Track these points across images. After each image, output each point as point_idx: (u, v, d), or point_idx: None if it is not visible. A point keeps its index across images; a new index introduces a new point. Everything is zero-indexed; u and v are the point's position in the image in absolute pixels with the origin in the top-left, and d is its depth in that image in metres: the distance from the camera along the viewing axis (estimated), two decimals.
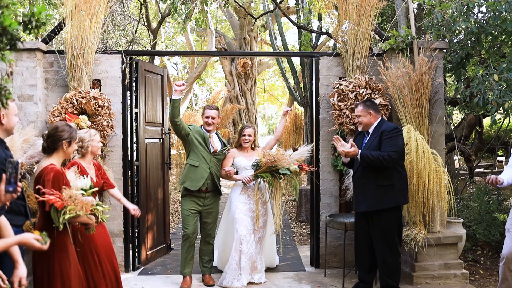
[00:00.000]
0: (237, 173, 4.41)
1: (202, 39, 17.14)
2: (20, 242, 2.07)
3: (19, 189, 2.15)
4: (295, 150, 4.39)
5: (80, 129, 3.99)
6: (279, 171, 4.17)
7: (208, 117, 4.29)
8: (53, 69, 4.61)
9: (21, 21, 2.01)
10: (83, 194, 2.88)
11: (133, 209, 3.75)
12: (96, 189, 3.27)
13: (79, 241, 3.09)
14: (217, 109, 4.41)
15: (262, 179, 4.25)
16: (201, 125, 4.40)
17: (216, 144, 4.34)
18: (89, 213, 2.84)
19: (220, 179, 4.47)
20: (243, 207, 4.32)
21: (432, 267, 4.39)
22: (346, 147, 3.78)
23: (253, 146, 4.55)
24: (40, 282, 2.79)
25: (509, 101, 4.05)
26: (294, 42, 16.97)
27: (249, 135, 4.43)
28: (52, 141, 2.84)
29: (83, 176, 3.17)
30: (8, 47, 1.93)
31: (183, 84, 4.04)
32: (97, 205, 3.07)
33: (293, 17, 11.68)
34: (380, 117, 3.98)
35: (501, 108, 4.21)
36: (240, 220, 4.26)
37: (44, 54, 4.59)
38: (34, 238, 2.10)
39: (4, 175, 2.11)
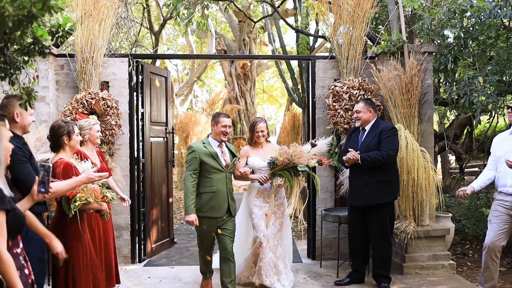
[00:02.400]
0: (252, 172, 4.18)
1: (202, 40, 17.41)
2: None
3: (50, 190, 2.44)
4: (313, 145, 4.19)
5: None
6: (297, 168, 3.94)
7: (225, 126, 3.85)
8: (64, 72, 4.88)
9: (49, 31, 2.29)
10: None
11: (126, 200, 4.10)
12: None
13: (91, 227, 3.37)
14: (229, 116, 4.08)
15: (279, 177, 4.06)
16: (205, 138, 3.96)
17: (227, 157, 3.93)
18: (100, 199, 3.12)
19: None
20: (258, 211, 4.12)
21: (421, 258, 4.65)
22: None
23: (268, 140, 4.33)
24: (57, 269, 3.06)
25: (493, 102, 4.31)
26: (292, 44, 17.27)
27: (262, 131, 4.19)
28: (54, 140, 3.13)
29: (84, 160, 3.49)
30: (39, 54, 2.21)
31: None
32: (103, 189, 3.38)
33: (292, 19, 11.94)
34: (376, 117, 4.27)
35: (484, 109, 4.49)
36: (257, 226, 4.09)
37: (55, 58, 4.86)
38: None
39: (37, 178, 2.41)
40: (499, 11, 4.09)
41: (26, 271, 2.04)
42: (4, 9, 1.47)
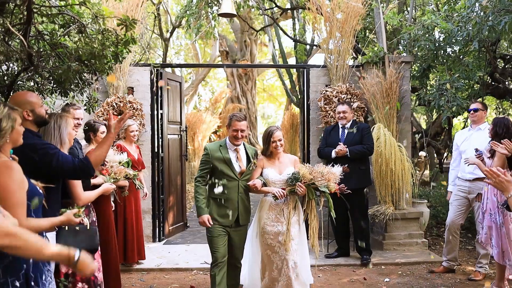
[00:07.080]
0: (264, 185, 3.74)
1: (205, 42, 18.24)
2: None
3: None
4: (345, 171, 3.91)
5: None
6: (319, 188, 3.67)
7: (237, 130, 3.52)
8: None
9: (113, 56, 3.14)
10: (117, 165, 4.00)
11: (145, 194, 4.98)
12: (138, 171, 4.39)
13: (117, 200, 4.33)
14: (245, 118, 3.65)
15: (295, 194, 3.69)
16: (223, 140, 3.71)
17: (243, 161, 3.64)
18: (122, 178, 3.96)
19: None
20: (271, 230, 3.72)
21: (399, 236, 5.51)
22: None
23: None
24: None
25: (457, 105, 5.16)
26: (291, 45, 18.05)
27: (280, 140, 3.73)
28: (84, 134, 4.12)
29: (121, 152, 4.40)
30: (103, 72, 3.07)
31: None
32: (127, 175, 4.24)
33: (291, 20, 12.73)
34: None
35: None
36: (272, 247, 3.74)
37: None
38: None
39: None
40: (458, 31, 4.94)
41: (94, 218, 2.92)
42: (105, 53, 2.32)
